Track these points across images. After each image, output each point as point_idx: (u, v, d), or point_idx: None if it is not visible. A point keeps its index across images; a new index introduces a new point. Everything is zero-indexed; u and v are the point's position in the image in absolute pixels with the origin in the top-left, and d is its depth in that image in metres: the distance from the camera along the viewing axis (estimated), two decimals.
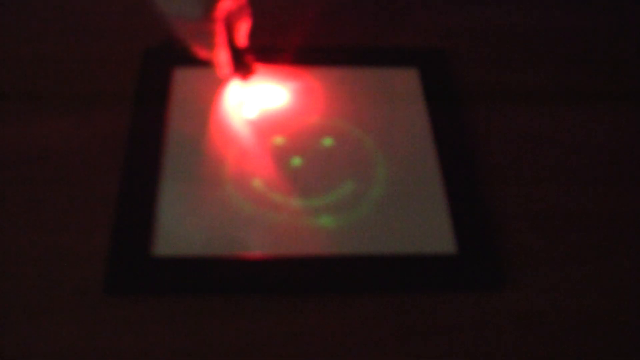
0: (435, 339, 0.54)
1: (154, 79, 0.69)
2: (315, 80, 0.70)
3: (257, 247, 0.58)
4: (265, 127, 0.67)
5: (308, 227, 0.59)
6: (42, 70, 0.71)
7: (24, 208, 0.60)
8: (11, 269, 0.56)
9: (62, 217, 0.59)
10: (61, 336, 0.53)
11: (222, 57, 0.65)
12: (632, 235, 0.61)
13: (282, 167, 0.63)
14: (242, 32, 0.66)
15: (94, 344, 0.52)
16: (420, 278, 0.57)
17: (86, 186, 0.61)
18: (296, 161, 0.64)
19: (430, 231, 0.59)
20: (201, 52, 0.65)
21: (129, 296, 0.55)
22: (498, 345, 0.54)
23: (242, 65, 0.67)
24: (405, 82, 0.71)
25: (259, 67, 0.69)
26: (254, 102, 0.69)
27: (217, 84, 0.69)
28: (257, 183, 0.62)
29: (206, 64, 0.65)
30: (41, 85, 0.70)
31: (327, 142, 0.65)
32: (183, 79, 0.70)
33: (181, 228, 0.58)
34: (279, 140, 0.65)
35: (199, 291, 0.56)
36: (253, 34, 0.66)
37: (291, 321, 0.54)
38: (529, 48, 0.77)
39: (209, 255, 0.57)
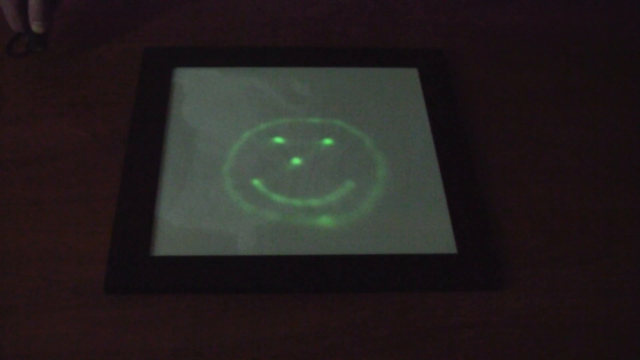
0: (435, 338, 0.54)
1: (154, 79, 0.69)
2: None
3: (257, 247, 0.58)
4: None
5: (308, 227, 0.59)
6: (42, 69, 0.71)
7: (24, 208, 0.60)
8: (11, 269, 0.56)
9: (62, 217, 0.59)
10: (61, 336, 0.53)
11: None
12: (632, 235, 0.61)
13: (282, 167, 0.63)
14: None
15: (94, 343, 0.52)
16: (421, 278, 0.57)
17: (86, 186, 0.61)
18: (296, 161, 0.64)
19: (430, 231, 0.59)
20: None
21: (129, 296, 0.55)
22: (498, 345, 0.54)
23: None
24: (405, 82, 0.71)
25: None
26: None
27: (217, 84, 0.69)
28: (257, 183, 0.62)
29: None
30: (41, 85, 0.70)
31: (327, 142, 0.65)
32: (183, 79, 0.70)
33: (181, 228, 0.58)
34: (279, 140, 0.65)
35: (199, 290, 0.56)
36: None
37: (291, 321, 0.54)
38: (529, 48, 0.77)
39: (209, 255, 0.57)
